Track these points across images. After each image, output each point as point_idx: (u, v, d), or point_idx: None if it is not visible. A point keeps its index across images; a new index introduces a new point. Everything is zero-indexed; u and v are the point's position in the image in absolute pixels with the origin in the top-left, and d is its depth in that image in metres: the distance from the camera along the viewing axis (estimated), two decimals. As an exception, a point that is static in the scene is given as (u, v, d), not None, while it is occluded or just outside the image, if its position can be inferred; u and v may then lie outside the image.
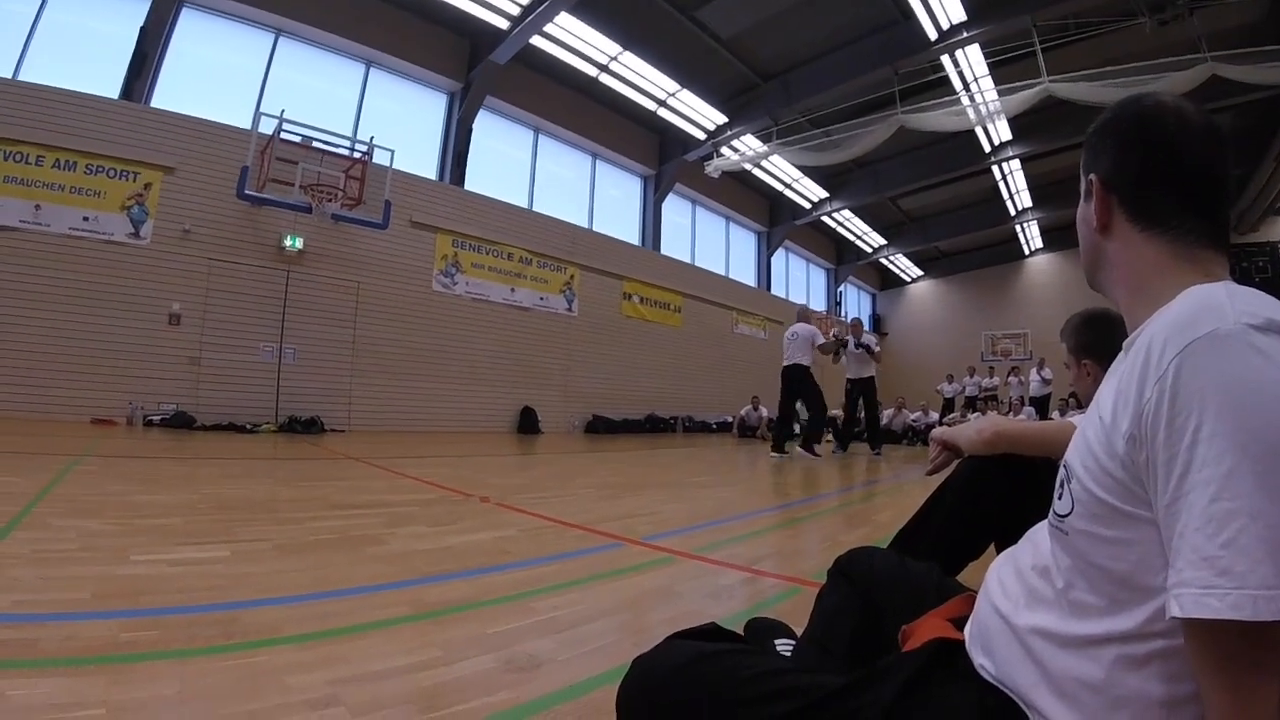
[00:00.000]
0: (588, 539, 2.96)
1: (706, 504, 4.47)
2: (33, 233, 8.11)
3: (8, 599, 1.70)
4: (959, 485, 1.76)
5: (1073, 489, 0.70)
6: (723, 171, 15.17)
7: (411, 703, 1.28)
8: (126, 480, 3.98)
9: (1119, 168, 0.79)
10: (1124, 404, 0.64)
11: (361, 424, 10.44)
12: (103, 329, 8.43)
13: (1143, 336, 0.66)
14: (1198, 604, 0.53)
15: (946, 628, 0.88)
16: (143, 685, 1.27)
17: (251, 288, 9.61)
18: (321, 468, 5.47)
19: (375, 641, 1.60)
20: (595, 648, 1.64)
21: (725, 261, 19.73)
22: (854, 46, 12.54)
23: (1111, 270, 0.82)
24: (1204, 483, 0.54)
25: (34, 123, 8.15)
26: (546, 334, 13.53)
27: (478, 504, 3.83)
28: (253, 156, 9.06)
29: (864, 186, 18.52)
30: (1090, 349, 1.90)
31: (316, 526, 2.91)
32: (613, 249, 15.24)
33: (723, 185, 17.35)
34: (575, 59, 12.49)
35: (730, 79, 14.02)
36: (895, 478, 6.67)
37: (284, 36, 10.67)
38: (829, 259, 24.60)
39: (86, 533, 2.49)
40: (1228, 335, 0.58)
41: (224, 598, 1.85)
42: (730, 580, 2.39)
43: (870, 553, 1.24)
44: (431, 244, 11.72)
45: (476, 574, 2.28)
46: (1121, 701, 0.62)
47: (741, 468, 7.38)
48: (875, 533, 3.48)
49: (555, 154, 14.95)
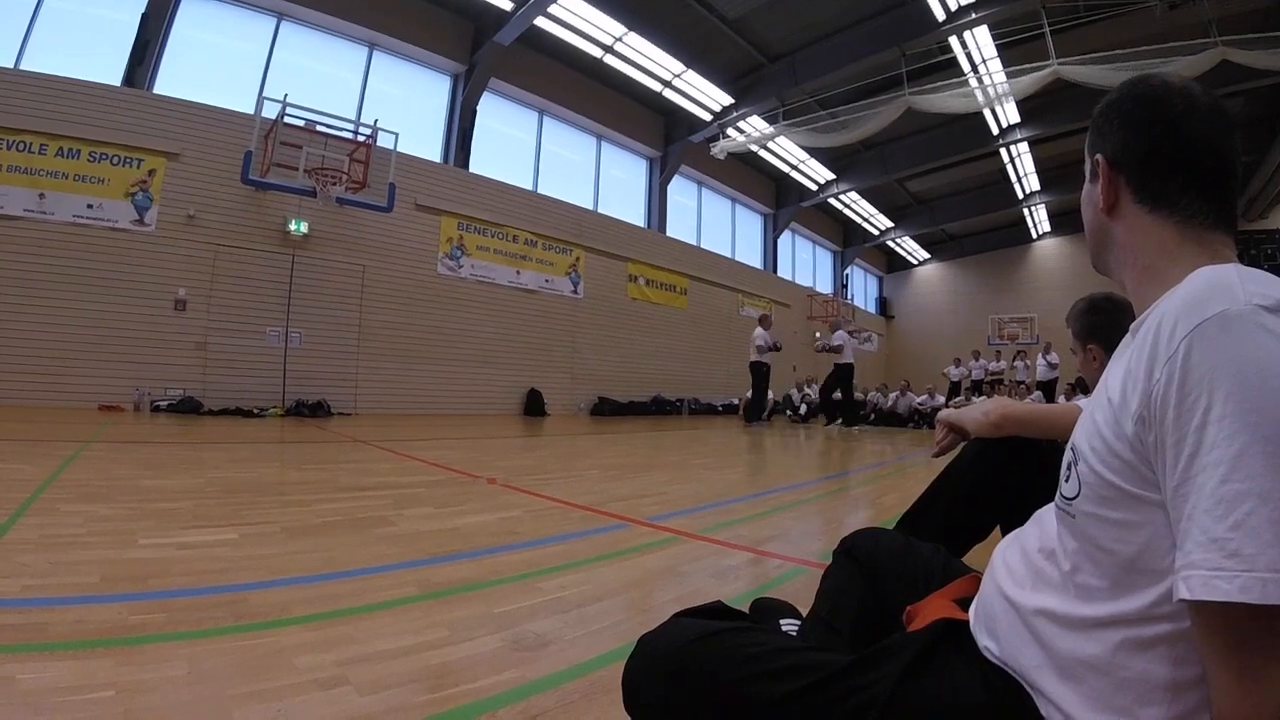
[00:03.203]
0: (594, 520, 2.97)
1: (712, 485, 4.48)
2: (37, 221, 8.11)
3: (17, 584, 1.71)
4: (965, 467, 1.76)
5: (1080, 471, 0.70)
6: (729, 153, 15.08)
7: (419, 682, 1.29)
8: (134, 465, 4.00)
9: (1125, 148, 0.78)
10: (1133, 385, 0.63)
11: (368, 407, 10.49)
12: (109, 316, 8.46)
13: (1151, 318, 0.65)
14: (1206, 586, 0.53)
15: (951, 608, 0.88)
16: (152, 667, 1.28)
17: (257, 272, 9.63)
18: (328, 451, 5.49)
19: (383, 622, 1.61)
20: (601, 627, 1.65)
21: (731, 244, 19.66)
22: (861, 27, 12.42)
23: (1118, 252, 0.81)
24: (1213, 464, 0.54)
25: (37, 112, 8.13)
26: (552, 316, 13.53)
27: (484, 485, 3.85)
28: (256, 141, 9.03)
29: (871, 168, 18.40)
30: (1096, 333, 1.90)
31: (324, 509, 2.93)
32: (618, 231, 15.20)
33: (729, 167, 17.27)
34: (580, 40, 12.43)
35: (736, 60, 13.91)
36: (900, 460, 6.67)
37: (286, 20, 10.61)
38: (836, 241, 24.50)
39: (95, 517, 2.50)
40: (1238, 316, 0.57)
41: (232, 580, 1.86)
42: (736, 561, 2.39)
43: (876, 534, 1.24)
44: (436, 227, 11.70)
45: (483, 554, 2.29)
46: (1127, 684, 0.62)
47: (747, 450, 7.38)
48: (881, 515, 3.49)
49: (560, 136, 14.88)
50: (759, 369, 11.52)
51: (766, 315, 11.94)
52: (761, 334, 11.47)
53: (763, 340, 11.39)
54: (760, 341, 11.41)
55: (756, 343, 11.45)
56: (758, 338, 11.47)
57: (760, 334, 11.49)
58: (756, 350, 11.44)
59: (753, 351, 11.52)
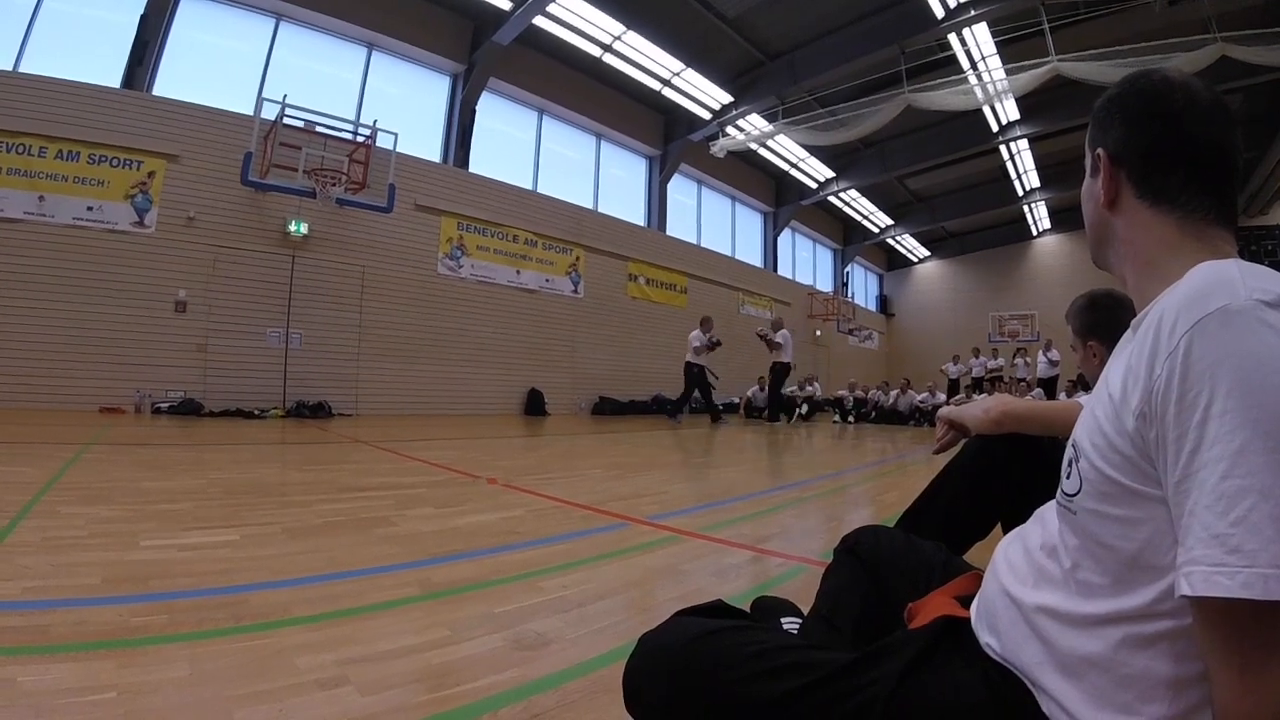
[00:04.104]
0: (595, 519, 2.97)
1: (712, 484, 4.48)
2: (37, 224, 8.10)
3: (18, 586, 1.71)
4: (966, 465, 1.76)
5: (1081, 468, 0.70)
6: (728, 151, 15.07)
7: (420, 681, 1.29)
8: (135, 467, 4.00)
9: (1127, 142, 0.78)
10: (1134, 381, 0.63)
11: (369, 408, 10.48)
12: (109, 318, 8.45)
13: (1152, 313, 0.65)
14: (1208, 582, 0.53)
15: (953, 606, 0.89)
16: (153, 668, 1.28)
17: (257, 274, 9.62)
18: (329, 451, 5.49)
19: (384, 622, 1.61)
20: (602, 626, 1.65)
21: (731, 242, 19.64)
22: (860, 24, 12.41)
23: (1119, 247, 0.81)
24: (1215, 460, 0.54)
25: (36, 114, 8.12)
26: (552, 316, 13.51)
27: (485, 485, 3.85)
28: (256, 142, 9.02)
29: (871, 166, 18.38)
30: (1096, 330, 1.90)
31: (325, 509, 2.93)
32: (618, 230, 15.18)
33: (728, 165, 17.23)
34: (579, 39, 12.41)
35: (736, 58, 13.90)
36: (901, 458, 6.67)
37: (285, 21, 10.60)
38: (836, 239, 24.48)
39: (96, 519, 2.51)
40: (1239, 311, 0.57)
41: (233, 581, 1.86)
42: (736, 559, 2.40)
43: (877, 531, 1.24)
44: (436, 227, 11.69)
45: (484, 554, 2.29)
46: (1128, 681, 0.62)
47: (747, 448, 7.38)
48: (882, 513, 3.49)
49: (560, 135, 14.86)
50: (689, 370, 11.54)
51: (708, 318, 11.95)
52: (697, 335, 11.52)
53: (698, 341, 11.43)
54: (696, 343, 11.44)
55: (693, 344, 11.47)
56: (694, 339, 11.50)
57: (695, 335, 11.53)
58: (693, 352, 11.44)
59: (689, 353, 11.53)
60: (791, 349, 11.97)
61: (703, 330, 11.55)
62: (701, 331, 11.52)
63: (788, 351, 11.84)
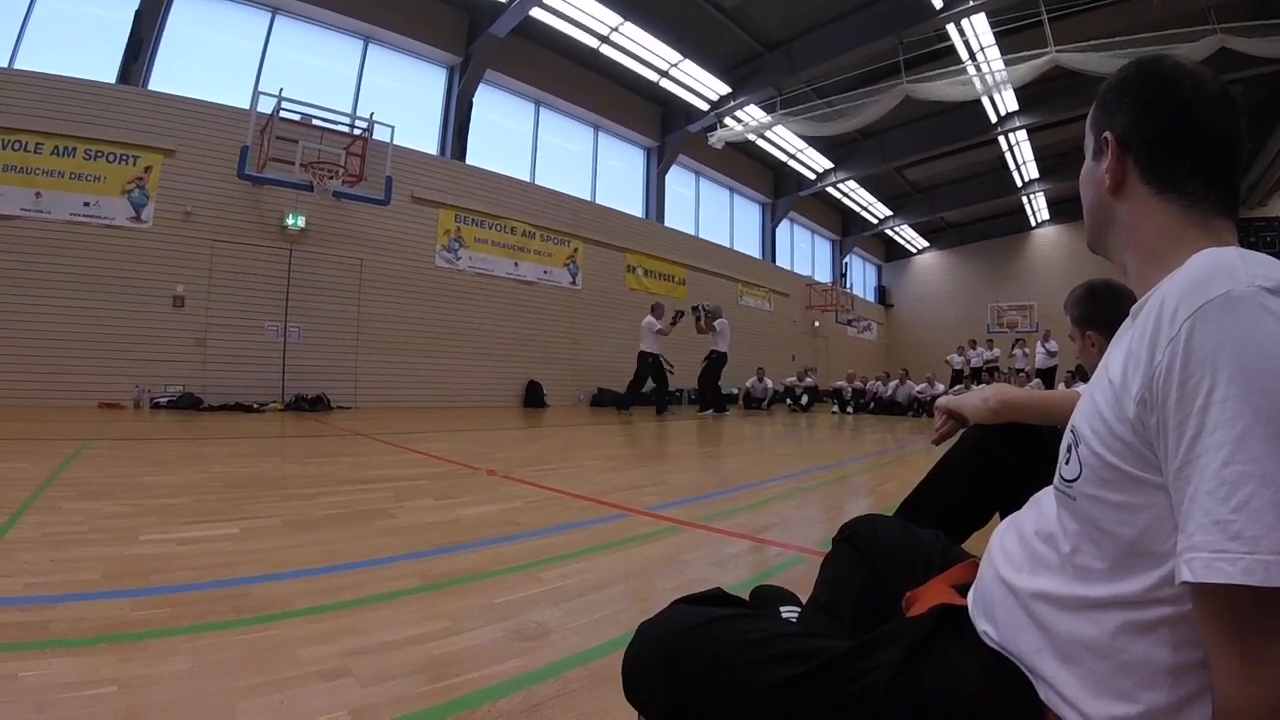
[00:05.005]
0: (594, 510, 2.98)
1: (711, 474, 4.48)
2: (34, 220, 8.07)
3: (19, 582, 1.72)
4: (964, 454, 1.76)
5: (1080, 453, 0.70)
6: (726, 142, 15.04)
7: (421, 672, 1.30)
8: (135, 462, 4.00)
9: (1135, 127, 0.77)
10: (1135, 367, 0.63)
11: (368, 401, 10.48)
12: (107, 313, 8.44)
13: (1153, 299, 0.65)
14: (1208, 569, 0.53)
15: (950, 594, 0.89)
16: (154, 662, 1.28)
17: (255, 268, 9.60)
18: (329, 444, 5.49)
19: (385, 613, 1.62)
20: (602, 616, 1.65)
21: (729, 233, 19.63)
22: (858, 15, 12.36)
23: (1120, 233, 0.80)
24: (1216, 446, 0.54)
25: (32, 110, 8.09)
26: (551, 308, 13.51)
27: (485, 477, 3.85)
28: (252, 136, 9.00)
29: (870, 157, 18.35)
30: (1094, 320, 1.90)
31: (325, 502, 2.93)
32: (616, 221, 15.17)
33: (726, 156, 17.22)
34: (576, 30, 12.37)
35: (733, 49, 13.86)
36: (900, 448, 6.67)
37: (280, 14, 10.54)
38: (834, 230, 24.46)
39: (96, 514, 2.51)
40: (1241, 297, 0.57)
41: (234, 574, 1.87)
42: (736, 549, 2.40)
43: (874, 520, 1.24)
44: (434, 219, 11.67)
45: (484, 545, 2.30)
46: (1127, 667, 0.62)
47: (746, 439, 7.39)
48: (880, 502, 3.50)
49: (557, 127, 14.83)
50: (643, 359, 11.30)
51: (659, 304, 11.69)
52: (650, 321, 11.29)
53: (657, 326, 11.25)
54: (654, 328, 11.25)
55: (651, 330, 11.25)
56: (649, 325, 11.27)
57: (649, 321, 11.30)
58: (653, 337, 11.23)
59: (644, 340, 11.28)
60: (728, 339, 11.77)
61: (655, 317, 11.33)
62: (655, 318, 11.31)
63: (724, 341, 11.68)
